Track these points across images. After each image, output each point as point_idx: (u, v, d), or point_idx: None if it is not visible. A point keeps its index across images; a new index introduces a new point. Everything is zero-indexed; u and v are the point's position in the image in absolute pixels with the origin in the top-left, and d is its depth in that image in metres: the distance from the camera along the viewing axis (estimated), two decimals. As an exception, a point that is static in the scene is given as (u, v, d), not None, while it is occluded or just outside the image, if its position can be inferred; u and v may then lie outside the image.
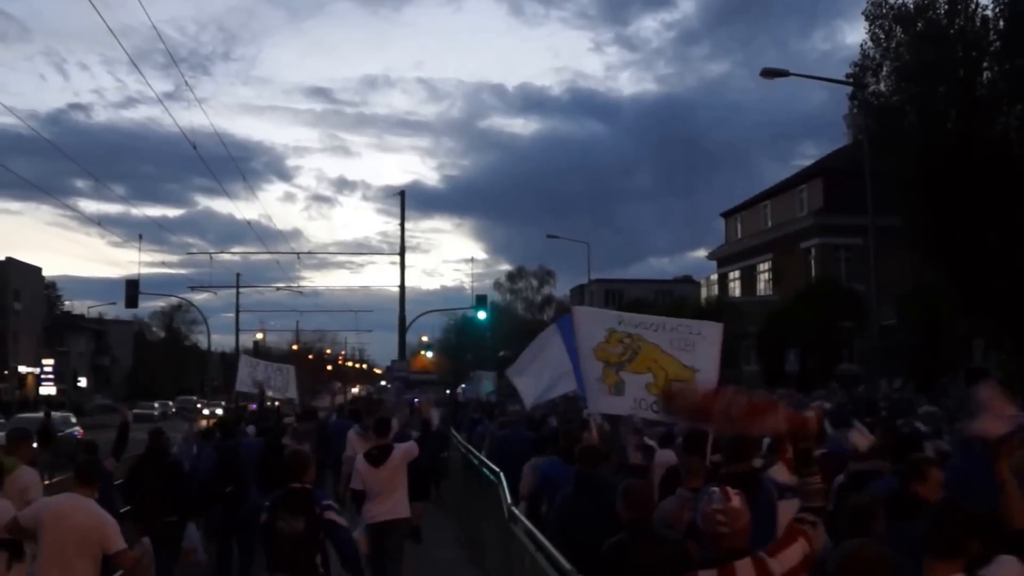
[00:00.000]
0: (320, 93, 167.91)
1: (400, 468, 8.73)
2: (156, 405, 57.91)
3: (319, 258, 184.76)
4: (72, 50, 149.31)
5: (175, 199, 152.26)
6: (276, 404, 18.52)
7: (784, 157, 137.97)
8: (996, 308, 22.89)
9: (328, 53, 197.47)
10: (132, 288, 37.13)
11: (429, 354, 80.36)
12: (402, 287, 32.88)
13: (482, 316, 37.93)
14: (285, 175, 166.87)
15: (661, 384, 7.76)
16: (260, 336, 67.49)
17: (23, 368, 64.03)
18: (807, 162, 57.48)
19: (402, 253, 32.93)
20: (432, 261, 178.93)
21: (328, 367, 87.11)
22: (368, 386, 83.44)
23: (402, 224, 32.97)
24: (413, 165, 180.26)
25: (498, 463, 9.82)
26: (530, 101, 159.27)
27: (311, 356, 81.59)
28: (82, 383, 73.90)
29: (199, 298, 58.88)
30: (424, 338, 75.36)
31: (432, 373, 71.35)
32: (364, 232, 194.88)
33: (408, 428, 11.33)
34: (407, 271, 34.55)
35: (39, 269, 71.98)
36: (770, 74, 22.28)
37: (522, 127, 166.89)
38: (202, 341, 72.53)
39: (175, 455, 9.99)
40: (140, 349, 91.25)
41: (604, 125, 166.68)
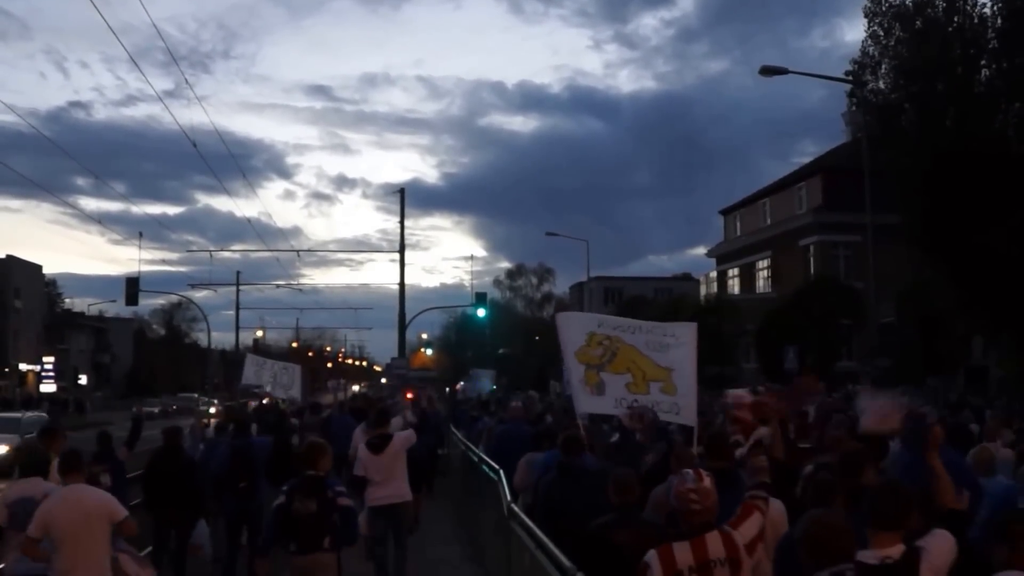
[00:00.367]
0: (320, 91, 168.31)
1: (400, 455, 9.28)
2: (156, 402, 57.94)
3: (319, 256, 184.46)
4: (72, 48, 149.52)
5: (175, 197, 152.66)
6: (278, 403, 18.82)
7: (783, 155, 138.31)
8: (994, 305, 22.94)
9: (328, 51, 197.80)
10: (132, 286, 37.11)
11: (429, 351, 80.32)
12: (402, 284, 32.94)
13: (482, 313, 37.93)
14: (285, 173, 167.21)
15: (639, 383, 8.34)
16: (260, 334, 67.69)
17: (24, 366, 64.05)
18: (806, 160, 57.62)
19: (402, 251, 32.99)
20: (432, 259, 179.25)
21: (328, 364, 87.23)
22: (368, 384, 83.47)
23: (402, 222, 33.06)
24: (413, 163, 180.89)
25: (496, 458, 10.14)
26: (529, 99, 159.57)
27: (311, 354, 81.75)
28: (82, 380, 73.92)
29: (199, 296, 59.10)
30: (424, 335, 75.40)
31: (432, 370, 71.37)
32: (364, 230, 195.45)
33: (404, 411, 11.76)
34: (407, 269, 34.55)
35: (39, 267, 71.98)
36: (769, 72, 22.29)
37: (521, 125, 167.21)
38: (202, 339, 72.65)
39: (189, 452, 10.48)
40: (140, 347, 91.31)
41: (603, 123, 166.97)
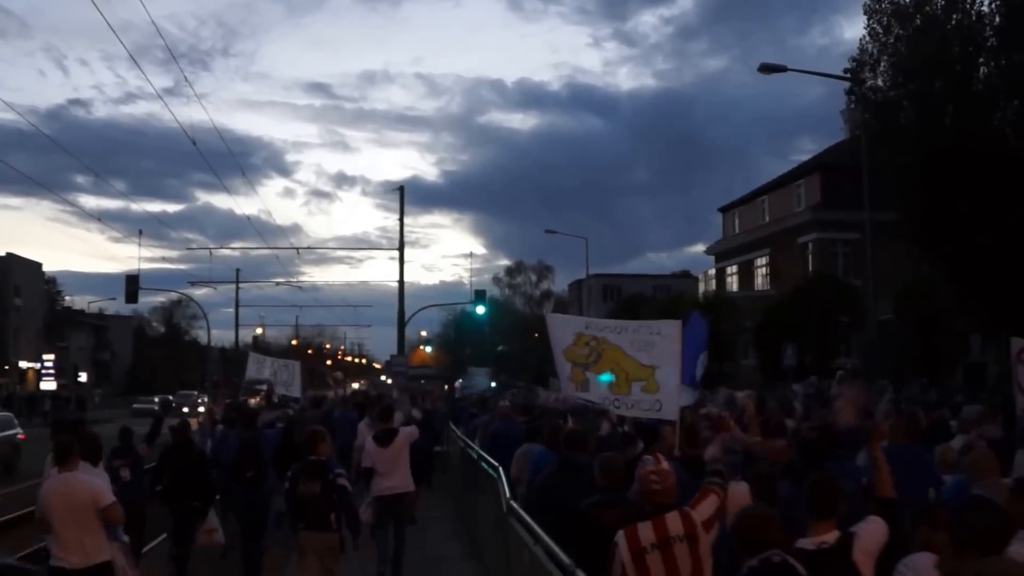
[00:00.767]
0: (319, 88, 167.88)
1: (404, 448, 9.92)
2: (156, 400, 57.75)
3: (318, 253, 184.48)
4: (72, 46, 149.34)
5: (175, 194, 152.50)
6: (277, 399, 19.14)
7: (782, 152, 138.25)
8: (993, 302, 22.98)
9: (327, 49, 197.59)
10: (132, 283, 37.13)
11: (428, 349, 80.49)
12: (401, 282, 33.00)
13: (481, 311, 37.97)
14: (284, 170, 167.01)
15: (622, 384, 8.81)
16: (260, 331, 67.75)
17: (24, 363, 64.10)
18: (805, 157, 57.72)
19: (401, 248, 33.02)
20: (431, 256, 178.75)
21: (328, 362, 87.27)
22: (367, 381, 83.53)
23: (401, 219, 33.09)
24: (412, 160, 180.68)
25: (492, 452, 10.58)
26: (529, 96, 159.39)
27: (311, 351, 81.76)
28: (82, 378, 73.93)
29: (199, 293, 59.19)
30: (423, 333, 75.61)
31: (431, 368, 71.46)
32: (363, 227, 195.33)
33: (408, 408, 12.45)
34: (406, 266, 34.66)
35: (39, 265, 72.00)
36: (768, 69, 22.29)
37: (521, 122, 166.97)
38: (202, 336, 72.77)
39: (199, 445, 11.04)
40: (140, 344, 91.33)
41: (602, 120, 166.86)
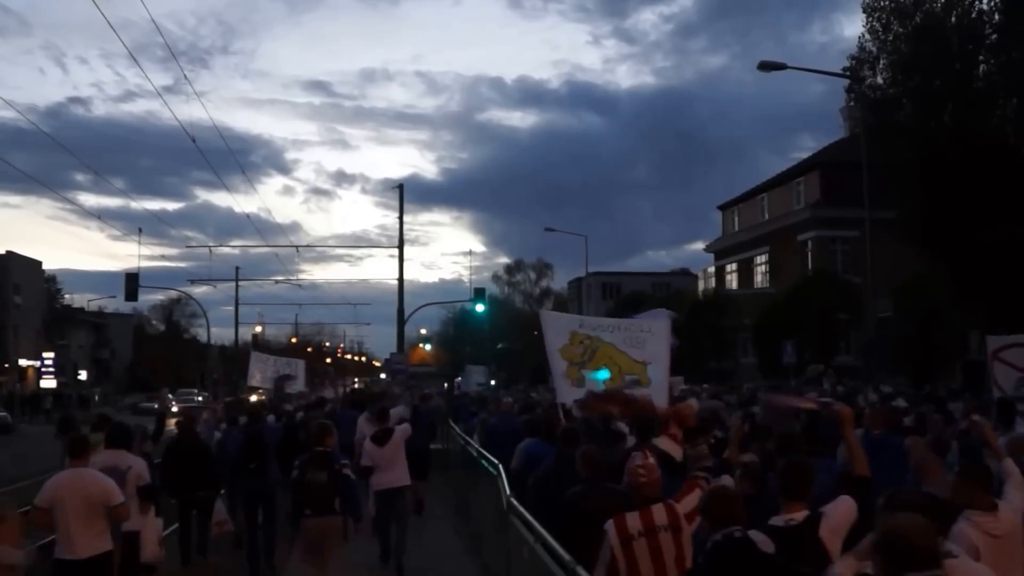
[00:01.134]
0: (319, 86, 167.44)
1: (399, 446, 10.71)
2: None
3: (318, 251, 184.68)
4: (71, 44, 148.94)
5: (174, 192, 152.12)
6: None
7: (781, 150, 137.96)
8: (992, 299, 23.01)
9: (327, 46, 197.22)
10: (132, 281, 37.11)
11: (428, 347, 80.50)
12: (400, 280, 32.99)
13: (480, 309, 37.99)
14: (284, 168, 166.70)
15: (616, 378, 9.27)
16: (259, 329, 67.74)
17: (23, 361, 64.06)
18: (804, 155, 57.60)
19: (400, 246, 33.02)
20: (431, 254, 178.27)
21: (328, 360, 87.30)
22: (367, 379, 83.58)
23: (400, 217, 33.06)
24: (412, 158, 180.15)
25: (490, 448, 11.00)
26: (528, 94, 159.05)
27: (310, 349, 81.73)
28: (82, 376, 73.97)
29: (198, 291, 59.21)
30: (423, 331, 75.55)
31: (431, 365, 71.50)
32: (363, 225, 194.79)
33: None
34: (406, 264, 34.67)
35: (39, 263, 71.95)
36: (768, 67, 22.26)
37: (520, 120, 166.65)
38: (201, 334, 72.71)
39: (205, 438, 11.47)
40: (140, 342, 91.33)
41: (602, 118, 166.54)
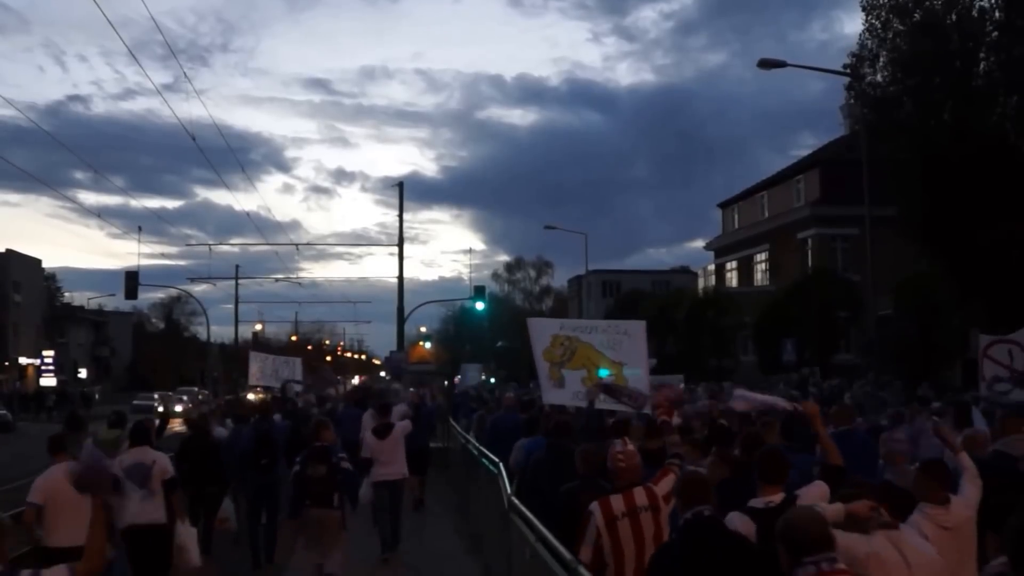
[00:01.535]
0: (318, 84, 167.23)
1: (399, 440, 11.37)
2: (156, 396, 57.82)
3: (318, 249, 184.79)
4: (71, 42, 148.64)
5: (174, 190, 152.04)
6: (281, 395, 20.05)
7: (781, 148, 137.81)
8: (992, 297, 23.01)
9: (326, 44, 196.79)
10: (131, 280, 37.14)
11: (428, 345, 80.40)
12: (400, 278, 33.01)
13: (480, 307, 38.02)
14: (284, 166, 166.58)
15: (592, 376, 9.75)
16: (259, 327, 67.63)
17: (23, 359, 64.03)
18: (804, 152, 57.52)
19: (400, 244, 33.06)
20: (430, 252, 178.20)
21: (328, 358, 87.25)
22: (367, 377, 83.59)
23: (400, 215, 33.07)
24: (411, 156, 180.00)
25: (490, 444, 11.38)
26: (528, 92, 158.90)
27: (310, 347, 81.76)
28: (82, 374, 73.93)
29: (198, 289, 59.20)
30: (423, 329, 75.42)
31: (431, 363, 71.49)
32: (362, 223, 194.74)
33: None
34: (405, 262, 34.64)
35: (39, 261, 71.90)
36: (767, 65, 22.24)
37: (520, 118, 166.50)
38: (201, 332, 72.66)
39: (215, 436, 11.74)
40: (139, 340, 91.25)
41: (602, 116, 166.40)
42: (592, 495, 5.71)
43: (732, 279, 50.51)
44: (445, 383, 40.20)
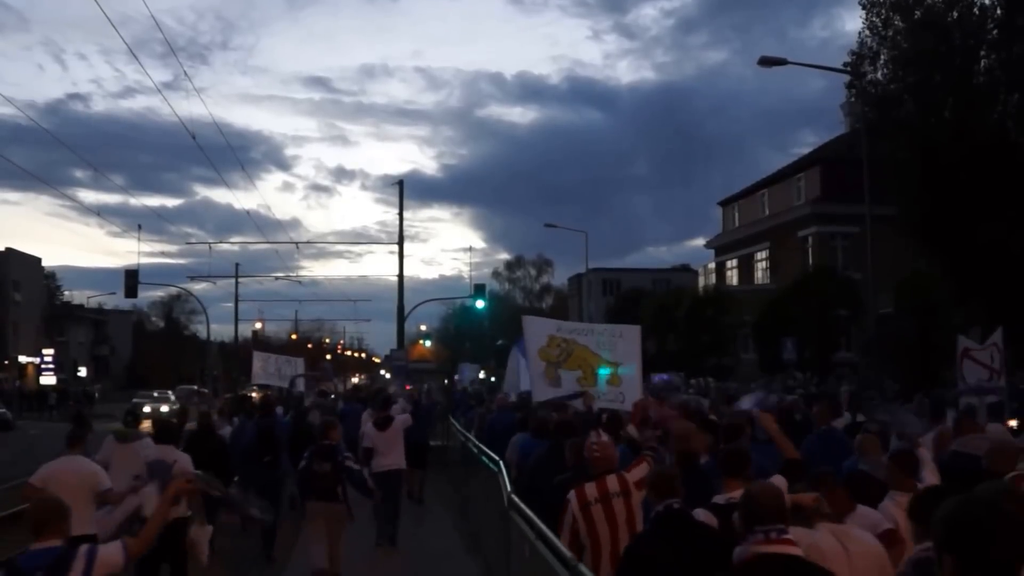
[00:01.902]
0: (318, 82, 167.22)
1: (399, 432, 12.04)
2: (156, 395, 57.80)
3: (318, 247, 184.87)
4: (70, 40, 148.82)
5: (174, 189, 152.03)
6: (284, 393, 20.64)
7: (782, 146, 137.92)
8: (992, 296, 22.98)
9: (326, 42, 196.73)
10: (131, 278, 37.10)
11: (428, 343, 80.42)
12: (400, 276, 32.94)
13: (480, 305, 37.98)
14: (284, 164, 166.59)
15: (588, 377, 10.26)
16: (259, 326, 67.54)
17: (23, 358, 64.01)
18: (805, 151, 57.51)
19: (400, 242, 32.99)
20: (431, 250, 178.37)
21: (328, 356, 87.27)
22: (367, 375, 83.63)
23: (400, 213, 32.97)
24: (411, 154, 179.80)
25: (487, 441, 11.76)
26: (528, 90, 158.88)
27: (310, 345, 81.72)
28: (82, 373, 73.92)
29: (198, 288, 59.14)
30: (423, 327, 75.38)
31: (431, 362, 71.48)
32: (363, 221, 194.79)
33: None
34: (405, 260, 34.73)
35: (39, 259, 71.90)
36: (768, 63, 22.17)
37: (520, 116, 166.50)
38: (201, 331, 72.69)
39: (220, 432, 12.06)
40: (139, 339, 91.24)
41: (602, 114, 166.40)
42: (584, 483, 6.04)
43: (732, 277, 50.48)
44: (445, 381, 40.26)
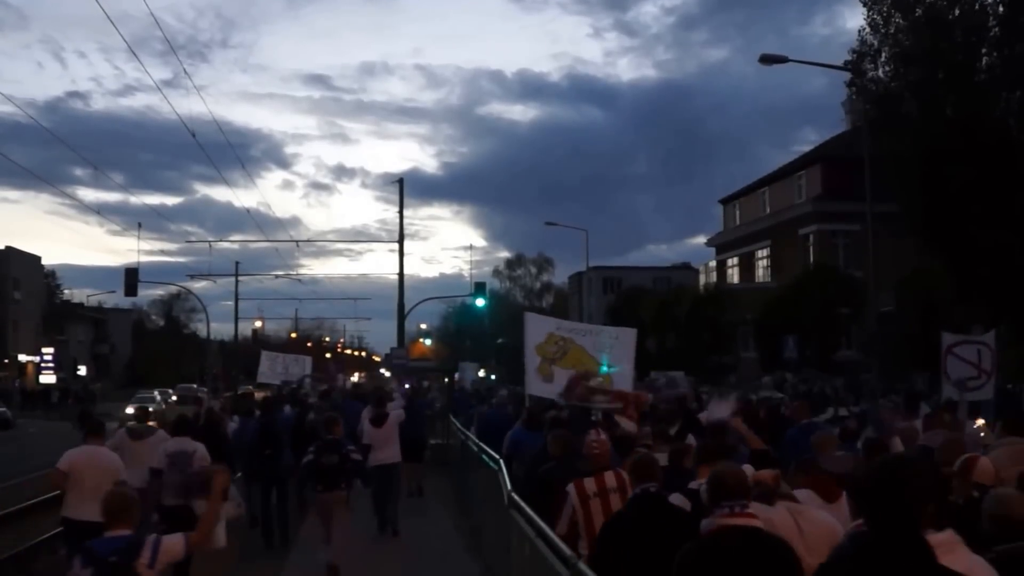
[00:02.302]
0: (318, 80, 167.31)
1: (394, 428, 12.61)
2: (156, 394, 57.75)
3: (318, 246, 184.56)
4: (70, 38, 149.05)
5: (174, 187, 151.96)
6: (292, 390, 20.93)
7: (783, 143, 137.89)
8: (993, 294, 22.94)
9: (326, 40, 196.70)
10: (131, 276, 37.06)
11: (428, 341, 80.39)
12: (401, 275, 32.91)
13: (481, 303, 37.90)
14: (284, 163, 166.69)
15: (587, 377, 10.48)
16: (259, 324, 67.50)
17: (23, 357, 64.02)
18: (806, 148, 57.46)
19: (401, 241, 32.95)
20: (431, 248, 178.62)
21: (328, 355, 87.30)
22: (367, 374, 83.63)
23: (400, 211, 32.93)
24: (412, 152, 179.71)
25: (484, 437, 12.10)
26: (528, 87, 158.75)
27: (310, 344, 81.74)
28: (82, 371, 73.93)
29: (198, 286, 59.04)
30: (423, 326, 75.37)
31: (431, 360, 71.46)
32: (363, 219, 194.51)
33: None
34: (406, 258, 34.67)
35: (38, 258, 71.94)
36: (769, 60, 22.08)
37: (521, 114, 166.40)
38: (201, 329, 72.72)
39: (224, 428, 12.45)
40: (139, 337, 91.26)
41: (603, 111, 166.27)
42: (565, 474, 6.59)
43: (733, 275, 50.41)
44: (445, 380, 40.24)
